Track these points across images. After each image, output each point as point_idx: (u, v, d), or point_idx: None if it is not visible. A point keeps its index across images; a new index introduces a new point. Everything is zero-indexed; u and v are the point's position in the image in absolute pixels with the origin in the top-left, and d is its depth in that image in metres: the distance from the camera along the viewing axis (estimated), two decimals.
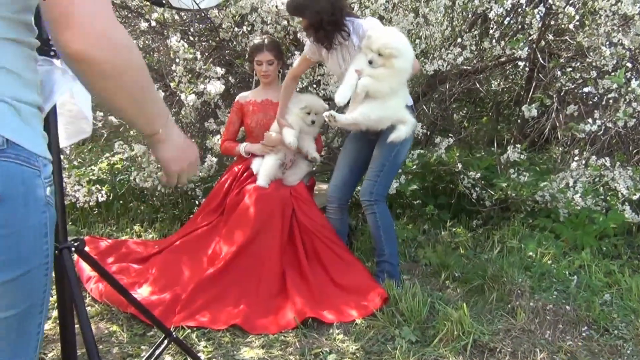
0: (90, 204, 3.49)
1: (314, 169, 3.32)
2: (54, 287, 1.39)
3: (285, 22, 3.93)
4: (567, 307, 2.60)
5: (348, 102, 2.78)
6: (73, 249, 1.53)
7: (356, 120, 2.74)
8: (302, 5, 2.79)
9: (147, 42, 4.78)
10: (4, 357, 0.95)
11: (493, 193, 3.81)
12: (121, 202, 4.19)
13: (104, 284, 2.73)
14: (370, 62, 2.67)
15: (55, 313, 2.57)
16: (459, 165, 3.89)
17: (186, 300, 2.67)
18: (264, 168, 3.12)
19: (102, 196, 3.45)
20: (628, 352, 2.28)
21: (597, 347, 2.32)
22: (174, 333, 1.97)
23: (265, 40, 3.25)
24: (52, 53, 1.49)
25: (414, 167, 4.01)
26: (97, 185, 3.58)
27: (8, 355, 0.95)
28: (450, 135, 4.19)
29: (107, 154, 4.62)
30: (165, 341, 1.91)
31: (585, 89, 4.14)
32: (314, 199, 3.29)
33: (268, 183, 3.08)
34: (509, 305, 2.65)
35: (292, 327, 2.54)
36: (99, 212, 4.10)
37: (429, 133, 4.55)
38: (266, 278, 2.82)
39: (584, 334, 2.44)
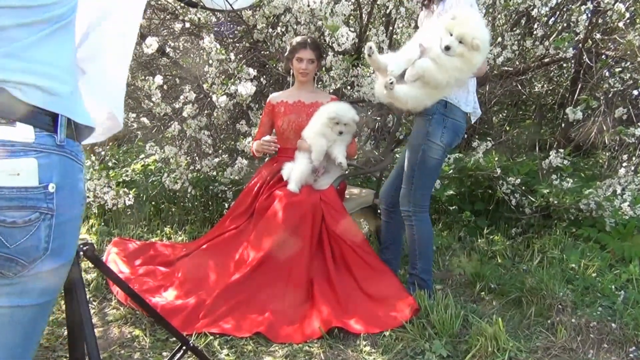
0: (119, 206, 3.48)
1: (346, 172, 3.22)
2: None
3: (320, 23, 3.86)
4: (613, 324, 2.41)
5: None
6: (82, 253, 1.48)
7: (398, 96, 2.36)
8: None
9: (186, 44, 4.79)
10: (14, 348, 0.96)
11: (534, 200, 3.63)
12: (153, 203, 4.19)
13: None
14: (446, 49, 2.20)
15: None
16: (498, 170, 3.72)
17: (210, 305, 2.61)
18: (296, 173, 3.04)
19: (129, 199, 3.43)
20: None
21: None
22: (191, 341, 1.90)
23: (309, 39, 3.20)
24: None
25: (451, 171, 3.86)
26: (125, 189, 3.58)
27: (17, 347, 0.97)
28: (489, 139, 4.01)
29: (142, 156, 4.65)
30: (182, 350, 1.85)
31: (635, 91, 3.90)
32: (344, 203, 3.19)
33: (299, 188, 2.99)
34: (549, 321, 2.48)
35: (317, 336, 2.46)
36: (131, 213, 4.11)
37: (467, 136, 4.39)
38: (293, 285, 2.74)
39: (631, 355, 2.25)
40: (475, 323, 2.41)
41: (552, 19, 4.45)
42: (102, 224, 3.92)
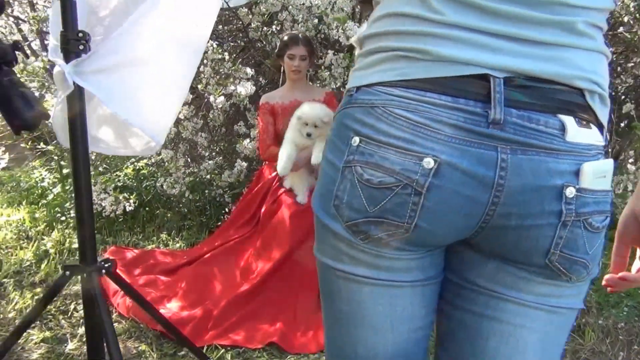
0: (117, 212, 3.32)
1: None
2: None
3: (316, 21, 3.75)
4: None
5: None
6: (104, 271, 1.36)
7: None
8: None
9: None
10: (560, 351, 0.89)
11: None
12: (147, 209, 4.02)
13: (131, 298, 2.56)
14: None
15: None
16: None
17: (218, 316, 2.48)
18: (299, 185, 2.92)
19: (129, 205, 3.27)
20: None
21: None
22: (210, 358, 1.77)
23: (300, 34, 3.06)
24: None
25: None
26: (125, 194, 3.41)
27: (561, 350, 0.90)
28: None
29: (133, 160, 4.49)
30: None
31: None
32: None
33: (306, 198, 2.87)
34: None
35: None
36: (124, 219, 3.94)
37: None
38: (304, 295, 2.63)
39: None
40: None
41: None
42: (95, 232, 3.74)
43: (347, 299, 0.85)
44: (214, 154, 4.05)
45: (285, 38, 3.07)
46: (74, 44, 1.32)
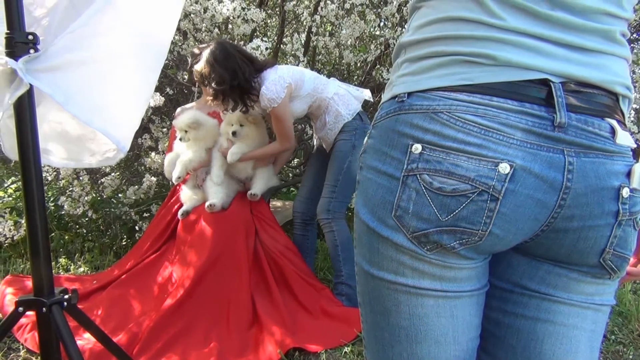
0: (15, 238, 2.96)
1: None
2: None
3: (217, 30, 3.68)
4: None
5: None
6: (65, 304, 1.20)
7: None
8: (202, 76, 2.63)
9: None
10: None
11: None
12: None
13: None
14: (234, 134, 2.77)
15: None
16: None
17: (145, 340, 2.29)
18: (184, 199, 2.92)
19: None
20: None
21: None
22: None
23: None
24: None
25: None
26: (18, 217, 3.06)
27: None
28: None
29: (13, 177, 4.07)
30: None
31: None
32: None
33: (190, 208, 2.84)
34: None
35: None
36: (11, 245, 3.53)
37: None
38: (235, 307, 2.53)
39: None
40: None
41: None
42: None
43: (408, 314, 0.83)
44: (114, 169, 3.79)
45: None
46: (22, 47, 1.16)
